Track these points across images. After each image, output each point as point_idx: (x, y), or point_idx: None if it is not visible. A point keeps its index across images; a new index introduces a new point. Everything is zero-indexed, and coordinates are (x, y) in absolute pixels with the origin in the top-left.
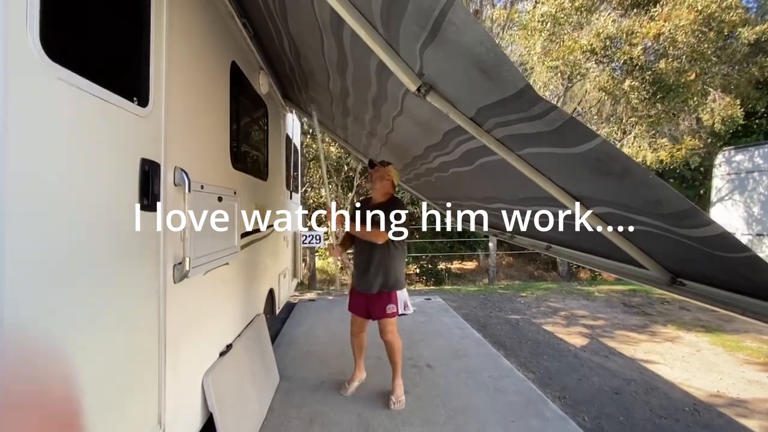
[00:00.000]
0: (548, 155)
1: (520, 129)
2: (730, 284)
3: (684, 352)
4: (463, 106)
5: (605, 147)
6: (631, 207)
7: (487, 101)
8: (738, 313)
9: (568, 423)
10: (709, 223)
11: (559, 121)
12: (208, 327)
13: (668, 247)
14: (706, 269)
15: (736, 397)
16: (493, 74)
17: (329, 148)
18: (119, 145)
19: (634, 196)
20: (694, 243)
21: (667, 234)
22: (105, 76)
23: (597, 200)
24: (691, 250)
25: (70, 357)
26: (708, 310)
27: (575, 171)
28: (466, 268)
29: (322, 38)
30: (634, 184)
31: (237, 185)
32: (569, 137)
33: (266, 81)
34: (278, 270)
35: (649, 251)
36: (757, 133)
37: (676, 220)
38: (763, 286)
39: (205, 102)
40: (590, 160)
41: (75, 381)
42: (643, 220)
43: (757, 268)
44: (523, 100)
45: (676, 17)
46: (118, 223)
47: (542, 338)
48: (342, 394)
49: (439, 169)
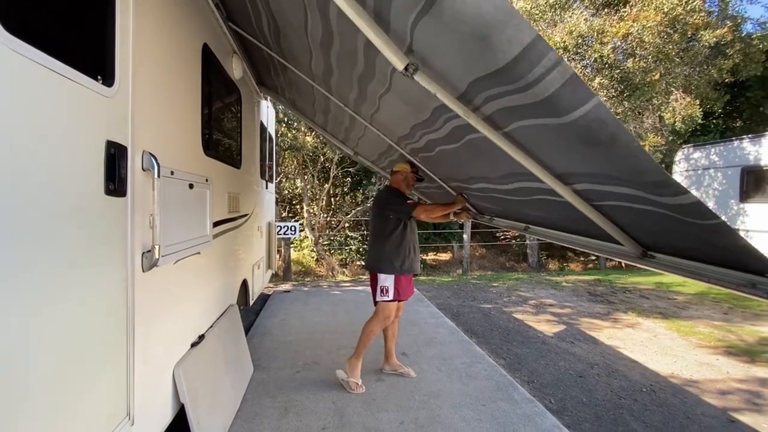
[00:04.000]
0: (538, 127)
1: (511, 101)
2: (698, 254)
3: (643, 337)
4: (453, 81)
5: (599, 110)
6: (614, 177)
7: (480, 73)
8: (703, 280)
9: (536, 405)
10: (685, 192)
11: (556, 84)
12: (179, 317)
13: (643, 220)
14: (676, 240)
15: (689, 377)
16: (495, 38)
17: (306, 137)
18: (82, 126)
19: (620, 165)
20: (670, 211)
21: (644, 205)
22: (67, 52)
23: (579, 175)
24: (665, 220)
25: (26, 348)
26: (665, 299)
27: (563, 142)
28: (441, 259)
29: (306, 14)
30: (621, 153)
31: (209, 172)
32: (563, 103)
33: (240, 65)
34: (252, 261)
35: (623, 226)
36: (714, 132)
37: (654, 187)
38: (731, 251)
39: (174, 85)
40: (580, 128)
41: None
42: (623, 192)
43: (726, 233)
44: (524, 61)
45: (644, 18)
46: (81, 208)
47: (512, 326)
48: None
49: (425, 149)
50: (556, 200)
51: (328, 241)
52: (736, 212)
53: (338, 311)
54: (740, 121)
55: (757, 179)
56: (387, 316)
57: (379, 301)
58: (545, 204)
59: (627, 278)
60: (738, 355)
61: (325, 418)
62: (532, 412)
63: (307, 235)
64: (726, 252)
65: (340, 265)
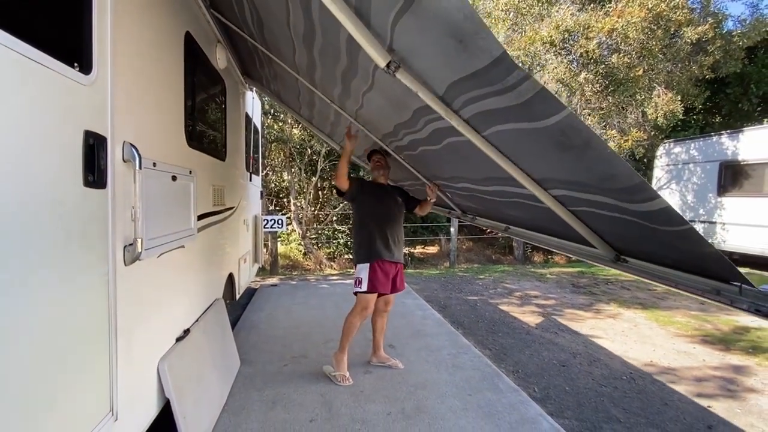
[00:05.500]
0: (515, 132)
1: (489, 104)
2: (666, 259)
3: (623, 327)
4: (433, 82)
5: (571, 120)
6: (587, 185)
7: (459, 75)
8: (671, 285)
9: (520, 394)
10: (656, 197)
11: (531, 92)
12: (163, 312)
13: (615, 227)
14: (646, 246)
15: (667, 365)
16: (469, 43)
17: (292, 130)
18: (59, 115)
19: (592, 171)
20: (639, 219)
21: (615, 213)
22: (41, 37)
23: (555, 181)
24: (636, 227)
25: (4, 344)
26: (645, 290)
27: (538, 148)
28: (428, 252)
29: (288, 7)
30: (593, 158)
31: (193, 164)
32: (538, 110)
33: (224, 55)
34: (238, 254)
35: (597, 231)
36: (694, 128)
37: (627, 194)
38: (698, 257)
39: (156, 74)
40: (555, 133)
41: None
42: (595, 199)
43: (694, 239)
44: (498, 69)
45: (628, 14)
46: (59, 200)
47: (498, 317)
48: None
49: (409, 148)
50: (535, 204)
51: (316, 235)
52: (713, 206)
53: (326, 305)
54: (719, 117)
55: (734, 174)
56: (364, 307)
57: (355, 292)
58: (524, 206)
59: (609, 271)
60: (714, 343)
61: (313, 410)
62: (517, 400)
63: (294, 228)
64: (693, 258)
65: (328, 259)
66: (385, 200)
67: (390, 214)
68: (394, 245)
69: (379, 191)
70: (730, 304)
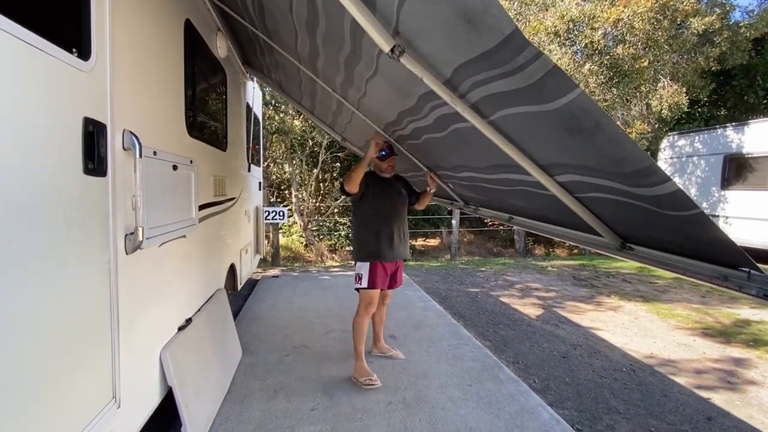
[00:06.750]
0: (522, 116)
1: (497, 87)
2: (674, 246)
3: (624, 320)
4: (439, 66)
5: (582, 99)
6: (596, 170)
7: (466, 57)
8: (678, 272)
9: (520, 385)
10: (666, 180)
11: (541, 71)
12: (165, 301)
13: (622, 213)
14: (653, 232)
15: (667, 357)
16: (478, 22)
17: (293, 121)
18: (57, 102)
19: (601, 155)
20: (648, 203)
21: (624, 197)
22: (39, 22)
23: (563, 166)
24: (643, 213)
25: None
26: (646, 283)
27: (547, 131)
28: (430, 244)
29: None
30: (603, 141)
31: (193, 154)
32: (548, 90)
33: (224, 43)
34: (240, 245)
35: (603, 218)
36: (698, 120)
37: (636, 179)
38: (706, 243)
39: (155, 61)
40: (565, 115)
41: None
42: (603, 184)
43: (703, 224)
44: (508, 48)
45: (635, 4)
46: (59, 188)
47: (499, 309)
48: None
49: (412, 136)
50: (540, 192)
51: (317, 227)
52: (717, 199)
53: (327, 296)
54: (724, 110)
55: (738, 167)
56: (368, 303)
57: (356, 288)
58: (529, 195)
59: (610, 263)
60: (714, 336)
61: (315, 399)
62: (517, 391)
63: (296, 220)
64: (701, 244)
65: (330, 251)
66: (390, 196)
67: (395, 210)
68: (400, 241)
69: (384, 185)
70: (738, 290)
